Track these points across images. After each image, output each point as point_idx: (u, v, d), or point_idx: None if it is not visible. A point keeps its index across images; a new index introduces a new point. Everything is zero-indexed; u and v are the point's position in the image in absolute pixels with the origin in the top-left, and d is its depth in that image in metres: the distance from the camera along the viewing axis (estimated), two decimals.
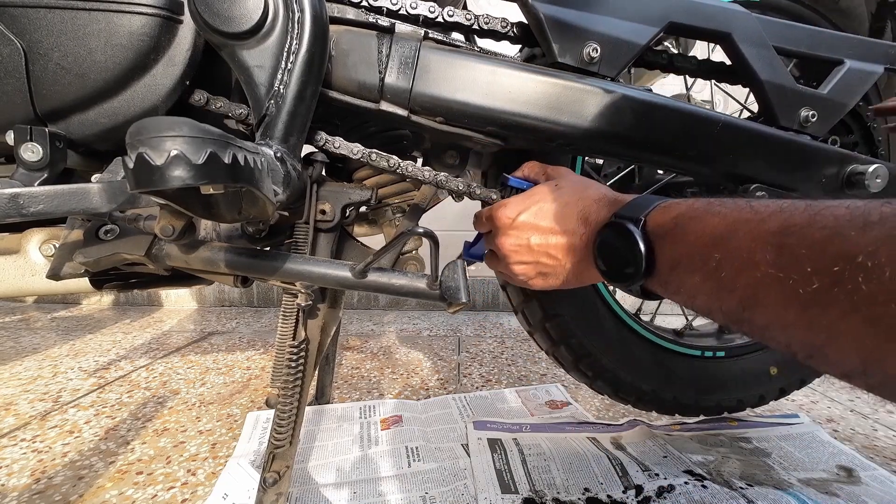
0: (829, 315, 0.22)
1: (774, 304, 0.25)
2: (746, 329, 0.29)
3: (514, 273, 0.48)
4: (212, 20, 0.41)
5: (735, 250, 0.28)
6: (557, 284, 0.48)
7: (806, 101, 0.56)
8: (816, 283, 0.22)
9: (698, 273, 0.31)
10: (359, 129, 0.59)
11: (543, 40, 0.52)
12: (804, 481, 0.66)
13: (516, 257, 0.47)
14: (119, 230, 0.48)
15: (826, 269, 0.22)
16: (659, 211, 0.38)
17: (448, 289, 0.46)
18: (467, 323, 1.63)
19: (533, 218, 0.46)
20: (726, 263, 0.29)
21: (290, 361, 0.50)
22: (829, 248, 0.22)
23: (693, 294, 0.33)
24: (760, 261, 0.26)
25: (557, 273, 0.46)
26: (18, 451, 0.77)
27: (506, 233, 0.47)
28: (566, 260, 0.45)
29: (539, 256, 0.46)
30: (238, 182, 0.31)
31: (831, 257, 0.22)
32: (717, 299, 0.30)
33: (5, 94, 0.43)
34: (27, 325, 1.57)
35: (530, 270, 0.47)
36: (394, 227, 0.62)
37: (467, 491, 0.64)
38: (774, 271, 0.25)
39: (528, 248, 0.46)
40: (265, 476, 0.51)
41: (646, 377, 0.72)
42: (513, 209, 0.47)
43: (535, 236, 0.46)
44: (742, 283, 0.27)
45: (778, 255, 0.25)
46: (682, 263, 0.34)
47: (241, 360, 1.21)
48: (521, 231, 0.46)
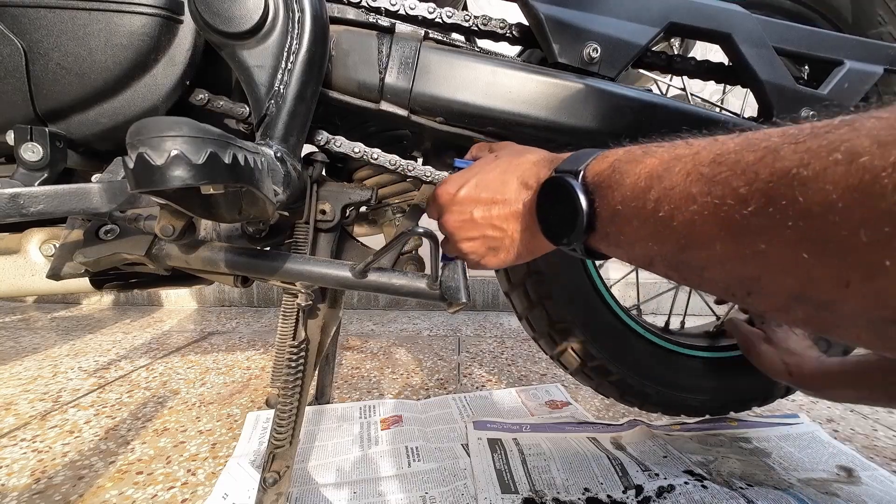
0: (765, 237, 0.21)
1: (711, 237, 0.24)
2: (686, 274, 0.28)
3: (465, 252, 0.46)
4: (212, 20, 0.41)
5: (671, 186, 0.27)
6: (510, 259, 0.45)
7: (806, 102, 0.56)
8: (752, 205, 0.21)
9: (636, 218, 0.30)
10: (359, 129, 0.59)
11: (543, 40, 0.52)
12: (804, 481, 0.66)
13: (462, 234, 0.45)
14: (119, 230, 0.48)
15: (761, 188, 0.21)
16: (597, 160, 0.35)
17: (448, 289, 0.46)
18: (467, 323, 1.63)
19: (473, 190, 0.44)
20: (663, 202, 0.27)
21: (290, 361, 0.50)
22: (763, 168, 0.21)
23: (632, 243, 0.31)
24: (696, 193, 0.25)
25: (506, 245, 0.44)
26: (18, 450, 0.77)
27: (449, 210, 0.45)
28: (512, 229, 0.43)
29: (484, 230, 0.44)
30: (238, 182, 0.31)
31: (766, 175, 0.21)
32: (655, 243, 0.29)
33: (5, 94, 0.43)
34: (27, 325, 1.57)
35: (479, 247, 0.45)
36: (394, 227, 0.62)
37: (467, 491, 0.64)
38: (709, 200, 0.24)
39: (473, 222, 0.44)
40: (265, 476, 0.51)
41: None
42: (453, 185, 0.45)
43: (478, 209, 0.43)
44: (679, 220, 0.26)
45: (713, 184, 0.24)
46: (620, 210, 0.31)
47: (241, 360, 1.21)
48: (463, 205, 0.44)
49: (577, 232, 0.35)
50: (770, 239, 0.21)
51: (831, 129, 0.20)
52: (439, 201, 0.47)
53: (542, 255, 0.44)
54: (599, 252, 0.36)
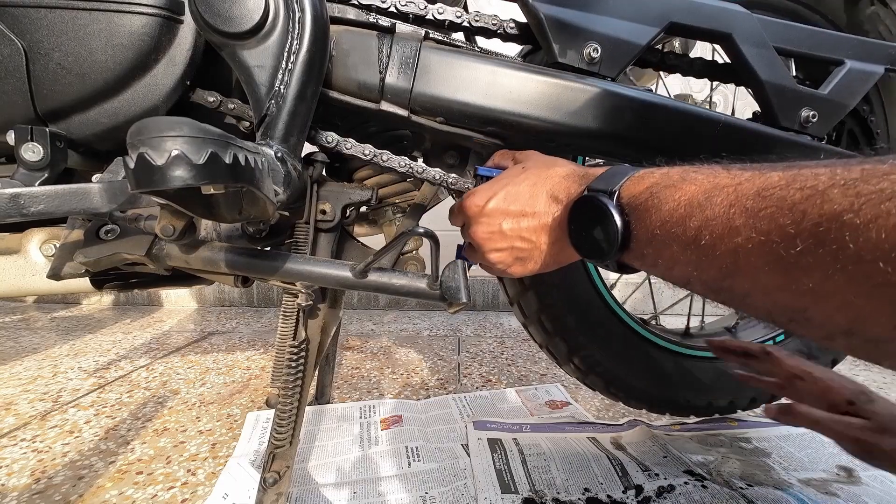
0: (813, 277, 0.21)
1: (756, 269, 0.25)
2: (726, 298, 0.28)
3: (492, 262, 0.47)
4: (212, 20, 0.41)
5: (713, 217, 0.27)
6: (536, 269, 0.46)
7: (806, 102, 0.56)
8: (800, 245, 0.22)
9: (676, 243, 0.30)
10: (359, 129, 0.59)
11: (544, 40, 0.52)
12: (804, 481, 0.66)
13: (490, 245, 0.46)
14: (119, 230, 0.48)
15: (809, 229, 0.21)
16: (633, 181, 0.36)
17: (448, 289, 0.46)
18: (467, 323, 1.63)
19: (502, 203, 0.44)
20: (705, 231, 0.28)
21: (290, 361, 0.50)
22: (811, 208, 0.22)
23: (670, 265, 0.32)
24: (741, 226, 0.25)
25: (534, 256, 0.45)
26: (18, 450, 0.77)
27: (477, 221, 0.46)
28: (541, 241, 0.44)
29: (513, 241, 0.44)
30: (239, 182, 0.31)
31: (814, 217, 0.21)
32: (695, 268, 0.29)
33: (6, 94, 0.43)
34: (27, 325, 1.56)
35: (507, 257, 0.46)
36: (394, 227, 0.62)
37: (467, 491, 0.64)
38: (755, 235, 0.24)
39: (501, 234, 0.45)
40: (265, 476, 0.51)
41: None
42: (481, 196, 0.46)
43: (507, 221, 0.44)
44: (722, 249, 0.27)
45: (758, 219, 0.24)
46: (658, 234, 0.32)
47: (241, 360, 1.21)
48: (492, 217, 0.45)
49: (612, 250, 0.36)
50: (819, 278, 0.21)
51: (883, 174, 0.20)
52: (468, 213, 0.47)
53: (567, 264, 0.45)
54: (632, 267, 0.37)
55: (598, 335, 0.72)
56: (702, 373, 0.76)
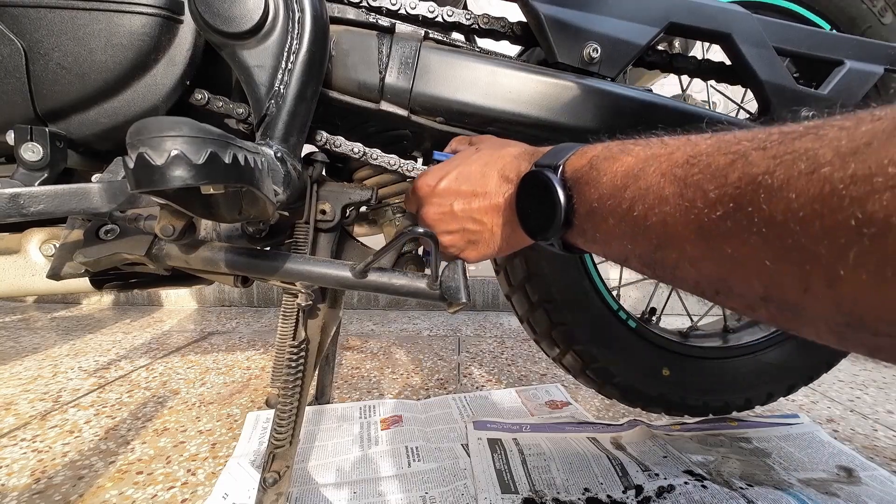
0: (732, 242, 0.21)
1: (682, 238, 0.24)
2: (659, 272, 0.28)
3: (444, 245, 0.46)
4: (212, 20, 0.41)
5: (646, 187, 0.27)
6: (490, 252, 0.45)
7: (806, 102, 0.56)
8: (720, 209, 0.22)
9: (612, 216, 0.30)
10: (359, 129, 0.59)
11: (544, 40, 0.52)
12: (804, 481, 0.66)
13: (442, 226, 0.45)
14: (119, 230, 0.48)
15: (729, 193, 0.21)
16: (576, 155, 0.35)
17: (448, 289, 0.46)
18: (467, 323, 1.63)
19: (454, 182, 0.43)
20: (638, 202, 0.27)
21: (290, 361, 0.50)
22: (732, 172, 0.22)
23: (608, 240, 0.31)
24: (670, 195, 0.25)
25: (486, 239, 0.44)
26: (18, 450, 0.77)
27: (429, 202, 0.45)
28: (492, 222, 0.42)
29: (464, 223, 0.43)
30: (238, 182, 0.31)
31: (734, 180, 0.21)
32: (630, 241, 0.29)
33: (6, 94, 0.43)
34: (27, 325, 1.57)
35: (458, 240, 0.45)
36: (394, 227, 0.62)
37: (467, 491, 0.64)
38: (682, 202, 0.24)
39: (452, 215, 0.44)
40: (265, 476, 0.51)
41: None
42: (433, 176, 0.45)
43: (458, 201, 0.43)
44: (653, 220, 0.26)
45: (685, 187, 0.24)
46: (596, 208, 0.32)
47: (241, 360, 1.21)
48: (443, 198, 0.44)
49: (555, 227, 0.35)
50: (737, 243, 0.21)
51: (797, 136, 0.20)
52: (419, 193, 0.46)
53: (520, 249, 0.44)
54: (577, 247, 0.36)
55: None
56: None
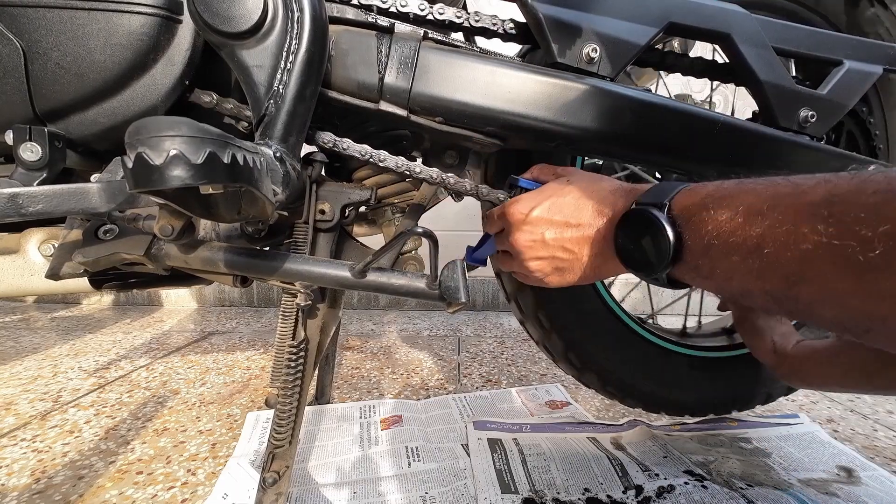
0: (893, 280, 0.21)
1: (826, 275, 0.24)
2: (791, 308, 0.28)
3: (530, 270, 0.48)
4: (211, 20, 0.41)
5: (777, 224, 0.27)
6: (574, 280, 0.47)
7: (805, 102, 0.56)
8: (879, 247, 0.21)
9: (735, 253, 0.30)
10: (358, 129, 0.59)
11: (543, 40, 0.52)
12: (804, 481, 0.66)
13: (531, 253, 0.47)
14: (118, 230, 0.48)
15: (889, 231, 0.21)
16: (683, 194, 0.36)
17: (447, 289, 0.46)
18: (467, 323, 1.63)
19: (546, 212, 0.45)
20: (768, 239, 0.27)
21: (290, 361, 0.50)
22: (888, 210, 0.21)
23: (728, 276, 0.31)
24: (808, 232, 0.25)
25: (574, 268, 0.46)
26: (18, 450, 0.77)
27: (519, 228, 0.47)
28: (582, 253, 0.44)
29: (555, 251, 0.45)
30: (237, 182, 0.31)
31: (894, 217, 0.21)
32: (757, 278, 0.29)
33: (4, 94, 0.43)
34: (27, 325, 1.57)
35: (546, 266, 0.47)
36: (393, 227, 0.62)
37: (467, 491, 0.64)
38: (826, 240, 0.24)
39: (543, 243, 0.45)
40: (265, 476, 0.51)
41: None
42: (525, 205, 0.47)
43: (550, 230, 0.45)
44: (787, 257, 0.26)
45: (828, 225, 0.24)
46: (715, 244, 0.32)
47: (241, 360, 1.21)
48: (535, 226, 0.46)
49: (663, 263, 0.36)
50: None
51: None
52: (509, 219, 0.48)
53: (605, 278, 0.46)
54: (683, 282, 0.37)
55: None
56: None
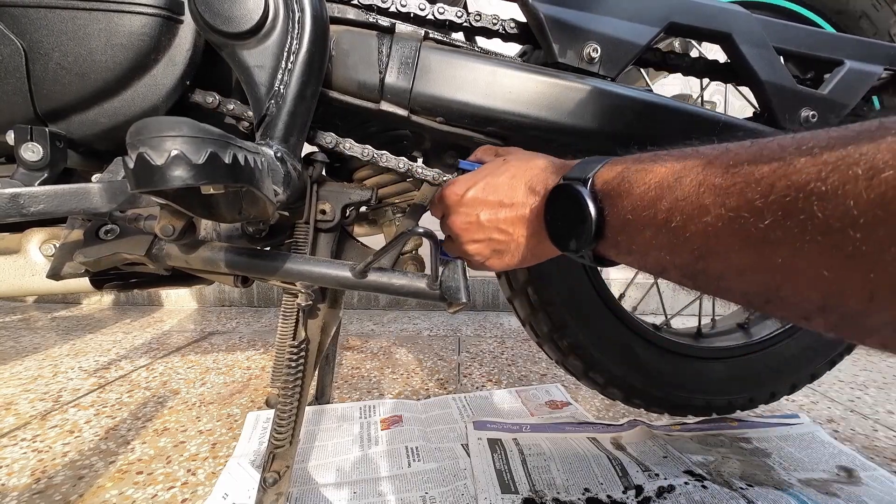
0: (783, 250, 0.21)
1: (727, 248, 0.24)
2: (701, 283, 0.28)
3: (469, 253, 0.46)
4: (212, 20, 0.41)
5: (683, 196, 0.27)
6: (515, 262, 0.45)
7: (806, 102, 0.56)
8: (769, 217, 0.21)
9: (648, 228, 0.30)
10: (359, 129, 0.59)
11: (543, 40, 0.52)
12: (804, 481, 0.66)
13: (468, 235, 0.45)
14: (119, 230, 0.48)
15: (777, 201, 0.21)
16: (606, 168, 0.35)
17: (448, 289, 0.46)
18: (467, 323, 1.63)
19: (481, 193, 0.44)
20: (675, 212, 0.27)
21: (290, 361, 0.50)
22: (778, 180, 0.21)
23: (644, 252, 0.31)
24: (710, 204, 0.25)
25: (512, 249, 0.44)
26: (19, 450, 0.77)
27: (455, 211, 0.46)
28: (518, 233, 0.43)
29: (490, 233, 0.44)
30: (238, 182, 0.31)
31: (782, 189, 0.21)
32: (669, 253, 0.29)
33: (6, 94, 0.43)
34: (27, 325, 1.57)
35: (484, 249, 0.45)
36: (394, 227, 0.62)
37: (467, 491, 0.64)
38: (724, 212, 0.24)
39: (479, 225, 0.44)
40: (265, 476, 0.51)
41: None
42: (460, 186, 0.46)
43: (484, 211, 0.44)
44: (693, 230, 0.26)
45: (726, 196, 0.24)
46: (630, 219, 0.31)
47: (241, 359, 1.21)
48: (470, 207, 0.45)
49: (586, 239, 0.35)
50: (788, 252, 0.21)
51: (849, 141, 0.19)
52: (446, 202, 0.47)
53: (546, 259, 0.44)
54: (608, 259, 0.36)
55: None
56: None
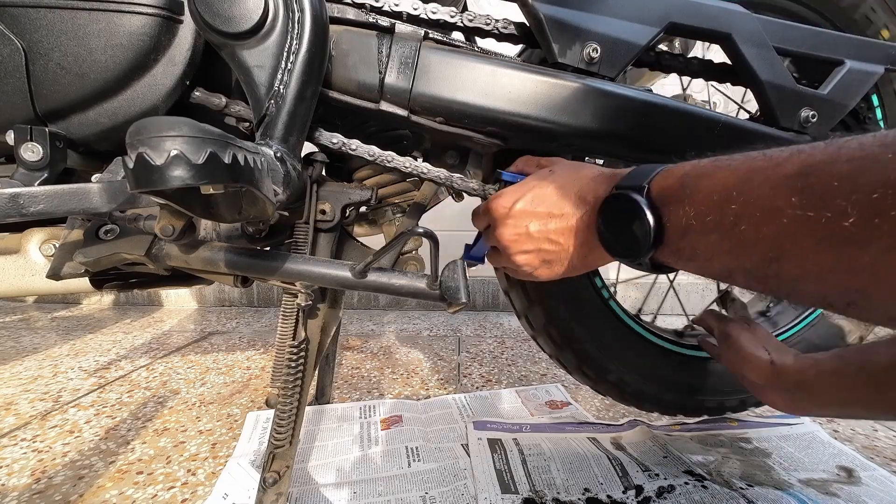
0: (871, 251, 0.20)
1: (805, 250, 0.23)
2: (774, 285, 0.27)
3: (518, 264, 0.47)
4: (212, 20, 0.41)
5: (753, 200, 0.26)
6: (563, 271, 0.46)
7: (806, 102, 0.56)
8: (854, 216, 0.20)
9: (714, 232, 0.29)
10: (359, 129, 0.59)
11: (543, 40, 0.52)
12: (804, 482, 0.66)
13: (517, 247, 0.46)
14: (119, 230, 0.48)
15: (863, 199, 0.20)
16: (662, 176, 0.35)
17: (448, 289, 0.46)
18: (467, 323, 1.63)
19: (529, 205, 0.44)
20: (745, 216, 0.26)
21: (290, 361, 0.50)
22: (862, 178, 0.20)
23: (709, 257, 0.30)
24: (784, 206, 0.24)
25: (561, 259, 0.45)
26: (19, 450, 0.77)
27: (504, 223, 0.46)
28: (568, 243, 0.43)
29: (540, 243, 0.44)
30: (238, 182, 0.31)
31: (868, 186, 0.20)
32: (737, 257, 0.28)
33: (5, 94, 0.43)
34: (27, 325, 1.57)
35: (533, 259, 0.46)
36: (394, 227, 0.62)
37: (467, 491, 0.64)
38: (801, 213, 0.23)
39: (528, 236, 0.45)
40: (265, 476, 0.51)
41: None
42: (508, 199, 0.46)
43: (534, 223, 0.44)
44: (765, 234, 0.25)
45: (803, 196, 0.23)
46: (693, 225, 0.31)
47: (241, 359, 1.21)
48: (519, 219, 0.45)
49: (645, 248, 0.35)
50: (876, 252, 0.20)
51: None
52: (493, 214, 0.47)
53: (596, 267, 0.45)
54: (667, 265, 0.36)
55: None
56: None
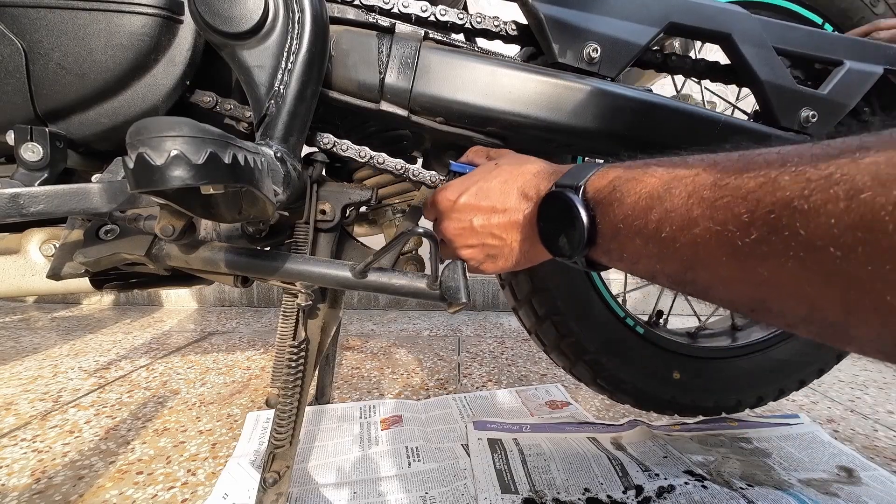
0: (768, 265, 0.21)
1: (715, 260, 0.24)
2: (691, 290, 0.28)
3: (463, 258, 0.46)
4: (212, 20, 0.41)
5: (672, 208, 0.27)
6: (508, 266, 0.46)
7: (806, 102, 0.56)
8: (755, 233, 0.21)
9: (639, 236, 0.30)
10: (359, 129, 0.59)
11: (543, 40, 0.52)
12: (804, 481, 0.66)
13: (461, 241, 0.46)
14: (119, 230, 0.48)
15: (762, 217, 0.21)
16: (598, 176, 0.36)
17: (448, 289, 0.46)
18: (467, 323, 1.63)
19: (473, 198, 0.44)
20: (665, 223, 0.28)
21: (290, 361, 0.50)
22: (763, 196, 0.21)
23: (635, 259, 0.32)
24: (699, 216, 0.25)
25: (505, 254, 0.45)
26: (19, 450, 0.77)
27: (448, 216, 0.46)
28: (511, 238, 0.43)
29: (484, 238, 0.44)
30: (238, 182, 0.31)
31: (767, 205, 0.21)
32: (659, 262, 0.29)
33: (6, 94, 0.43)
34: (27, 325, 1.57)
35: (478, 253, 0.46)
36: (394, 227, 0.62)
37: (467, 491, 0.64)
38: (712, 225, 0.24)
39: (472, 230, 0.44)
40: (265, 476, 0.51)
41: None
42: (453, 191, 0.46)
43: (477, 217, 0.44)
44: (682, 241, 0.26)
45: (714, 209, 0.24)
46: (621, 228, 0.32)
47: (241, 360, 1.21)
48: (463, 213, 0.45)
49: (578, 246, 0.35)
50: (773, 266, 0.21)
51: (831, 159, 0.19)
52: (439, 207, 0.47)
53: (538, 262, 0.45)
54: (601, 264, 0.37)
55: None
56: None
